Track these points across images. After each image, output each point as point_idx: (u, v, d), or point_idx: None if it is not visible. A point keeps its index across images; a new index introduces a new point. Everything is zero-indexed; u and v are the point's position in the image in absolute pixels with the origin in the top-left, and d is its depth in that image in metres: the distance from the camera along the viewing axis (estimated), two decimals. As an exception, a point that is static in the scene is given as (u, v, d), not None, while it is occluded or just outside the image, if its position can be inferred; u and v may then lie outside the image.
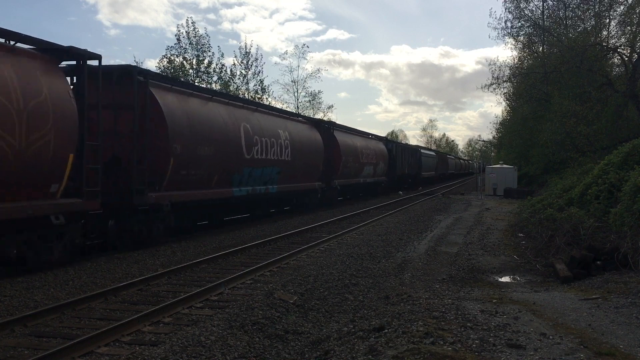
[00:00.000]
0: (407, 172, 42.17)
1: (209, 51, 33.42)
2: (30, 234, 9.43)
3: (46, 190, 9.59)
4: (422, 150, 52.22)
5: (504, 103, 46.70)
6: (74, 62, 10.54)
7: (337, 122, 32.80)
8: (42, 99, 9.23)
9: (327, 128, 25.37)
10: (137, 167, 11.93)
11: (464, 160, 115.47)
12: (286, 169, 19.36)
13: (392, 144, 37.90)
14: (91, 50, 10.63)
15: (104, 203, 11.01)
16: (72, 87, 10.37)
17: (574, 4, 32.33)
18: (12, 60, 8.98)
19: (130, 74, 12.06)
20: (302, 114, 35.02)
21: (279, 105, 37.64)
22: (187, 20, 62.29)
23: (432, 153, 59.64)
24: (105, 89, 11.36)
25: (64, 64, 10.48)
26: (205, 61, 33.40)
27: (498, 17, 49.42)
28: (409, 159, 42.84)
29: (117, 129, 12.04)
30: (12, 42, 9.27)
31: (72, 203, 10.07)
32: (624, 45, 26.38)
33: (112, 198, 11.55)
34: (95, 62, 10.83)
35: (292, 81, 47.60)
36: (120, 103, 12.06)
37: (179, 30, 32.94)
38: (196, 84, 27.81)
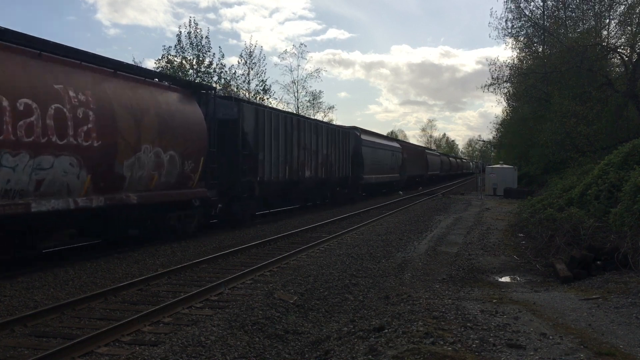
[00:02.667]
0: (310, 175, 21.48)
1: (210, 52, 33.43)
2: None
3: None
4: (365, 138, 30.21)
5: (504, 103, 46.58)
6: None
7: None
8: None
9: None
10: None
11: (455, 158, 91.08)
12: None
13: (244, 107, 16.38)
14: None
15: None
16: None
17: (574, 4, 32.37)
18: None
19: None
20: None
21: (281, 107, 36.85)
22: (189, 19, 62.27)
23: (394, 144, 39.15)
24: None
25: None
26: (206, 61, 33.42)
27: (499, 17, 49.26)
28: (323, 149, 22.85)
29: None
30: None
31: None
32: (624, 45, 26.41)
33: None
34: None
35: (291, 81, 47.24)
36: None
37: (180, 31, 32.95)
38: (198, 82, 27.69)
